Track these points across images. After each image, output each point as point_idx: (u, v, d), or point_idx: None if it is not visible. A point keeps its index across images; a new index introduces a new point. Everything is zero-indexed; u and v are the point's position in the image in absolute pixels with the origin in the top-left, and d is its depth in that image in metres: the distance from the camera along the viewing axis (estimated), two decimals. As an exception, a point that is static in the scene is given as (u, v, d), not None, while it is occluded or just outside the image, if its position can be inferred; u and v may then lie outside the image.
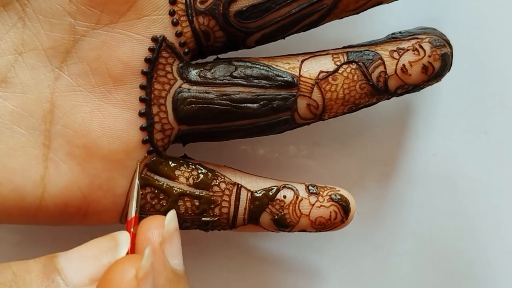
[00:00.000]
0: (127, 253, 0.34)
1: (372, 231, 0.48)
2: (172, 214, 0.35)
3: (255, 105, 0.39)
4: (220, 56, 0.41)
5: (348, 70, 0.40)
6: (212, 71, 0.39)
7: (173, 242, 0.34)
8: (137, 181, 0.38)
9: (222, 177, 0.40)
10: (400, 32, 0.41)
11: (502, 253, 0.48)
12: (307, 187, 0.41)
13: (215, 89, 0.39)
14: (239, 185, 0.40)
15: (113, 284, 0.31)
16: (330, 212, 0.40)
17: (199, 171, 0.40)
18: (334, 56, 0.40)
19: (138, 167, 0.39)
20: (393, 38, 0.41)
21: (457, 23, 0.47)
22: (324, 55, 0.40)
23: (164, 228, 0.34)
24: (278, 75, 0.39)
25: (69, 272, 0.33)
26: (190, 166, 0.40)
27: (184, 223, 0.40)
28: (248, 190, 0.40)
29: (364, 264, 0.48)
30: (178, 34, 0.39)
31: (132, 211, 0.36)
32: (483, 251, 0.48)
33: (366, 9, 0.40)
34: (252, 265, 0.47)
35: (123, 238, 0.34)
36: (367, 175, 0.48)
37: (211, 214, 0.40)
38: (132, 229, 0.35)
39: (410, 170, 0.48)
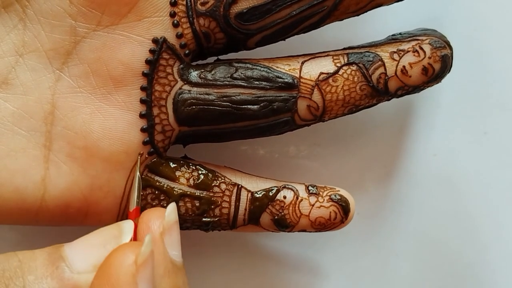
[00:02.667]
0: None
1: (372, 231, 0.48)
2: (172, 206, 0.36)
3: (256, 106, 0.39)
4: (221, 57, 0.41)
5: (349, 71, 0.40)
6: (213, 72, 0.39)
7: (172, 233, 0.35)
8: (138, 173, 0.38)
9: (223, 177, 0.40)
10: (400, 34, 0.41)
11: (502, 253, 0.48)
12: (307, 187, 0.41)
13: (215, 91, 0.39)
14: (239, 186, 0.40)
15: (112, 269, 0.31)
16: (330, 212, 0.41)
17: (200, 172, 0.40)
18: (334, 57, 0.40)
19: (138, 159, 0.39)
20: (393, 39, 0.41)
21: (458, 24, 0.47)
22: (324, 56, 0.40)
23: (165, 219, 0.35)
24: (278, 77, 0.39)
25: (73, 260, 0.33)
26: (191, 167, 0.40)
27: (184, 224, 0.40)
28: (248, 191, 0.40)
29: (364, 263, 0.48)
30: (179, 36, 0.39)
31: (134, 203, 0.37)
32: (483, 251, 0.48)
33: (366, 11, 0.40)
34: (253, 264, 0.48)
35: (127, 226, 0.35)
36: (367, 176, 0.48)
37: (212, 215, 0.40)
38: (134, 220, 0.36)
39: (410, 171, 0.48)
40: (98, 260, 0.33)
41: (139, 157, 0.39)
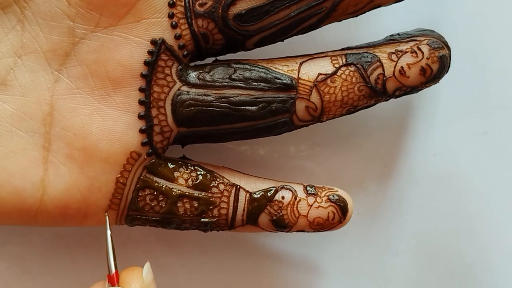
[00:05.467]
0: None
1: (372, 231, 0.48)
2: (147, 267, 0.37)
3: (254, 107, 0.39)
4: (219, 58, 0.41)
5: (347, 72, 0.40)
6: (211, 73, 0.39)
7: None
8: (109, 232, 0.39)
9: (221, 178, 0.40)
10: (398, 34, 0.41)
11: (502, 253, 0.48)
12: (305, 187, 0.41)
13: (214, 92, 0.39)
14: (238, 186, 0.40)
15: None
16: (328, 212, 0.41)
17: (198, 173, 0.40)
18: (333, 58, 0.40)
19: (107, 220, 0.39)
20: (391, 40, 0.41)
21: (457, 24, 0.47)
22: (322, 57, 0.40)
23: (144, 282, 0.37)
24: (276, 78, 0.39)
25: None
26: (189, 167, 0.40)
27: (183, 224, 0.40)
28: (247, 191, 0.40)
29: (364, 263, 0.48)
30: (177, 37, 0.39)
31: (112, 268, 0.38)
32: (483, 251, 0.48)
33: (364, 12, 0.40)
34: (252, 263, 0.48)
35: None
36: (367, 176, 0.48)
37: (210, 215, 0.40)
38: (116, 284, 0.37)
39: (410, 171, 0.48)
40: None
41: (106, 216, 0.39)
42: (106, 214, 0.39)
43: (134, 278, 0.37)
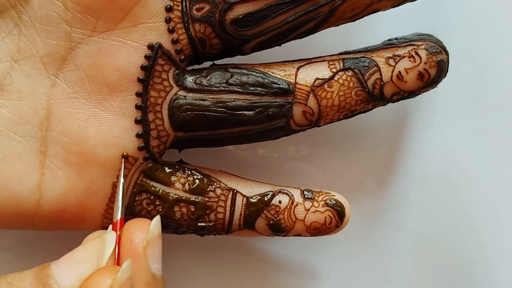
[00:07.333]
0: (114, 251, 0.35)
1: (372, 231, 0.48)
2: (157, 220, 0.36)
3: (251, 112, 0.39)
4: (216, 62, 0.41)
5: (344, 77, 0.40)
6: (208, 78, 0.39)
7: (155, 247, 0.35)
8: (121, 180, 0.38)
9: (218, 182, 0.40)
10: (396, 39, 0.41)
11: (502, 253, 0.48)
12: (302, 192, 0.41)
13: (211, 96, 0.39)
14: (235, 191, 0.40)
15: None
16: (325, 217, 0.41)
17: (195, 177, 0.40)
18: (330, 63, 0.40)
19: (122, 163, 0.39)
20: (389, 44, 0.41)
21: (456, 24, 0.47)
22: (320, 61, 0.40)
23: (149, 233, 0.35)
24: (273, 82, 0.39)
25: (60, 276, 0.34)
26: (186, 171, 0.40)
27: (179, 228, 0.40)
28: (244, 196, 0.40)
29: (363, 264, 0.48)
30: (174, 41, 0.39)
31: (118, 213, 0.37)
32: (483, 251, 0.48)
33: (362, 17, 0.40)
34: (250, 265, 0.48)
35: (110, 237, 0.36)
36: (367, 176, 0.48)
37: (207, 220, 0.40)
38: (118, 232, 0.37)
39: (410, 170, 0.48)
40: (82, 274, 0.34)
41: (122, 161, 0.39)
42: (122, 159, 0.39)
43: (139, 228, 0.36)
